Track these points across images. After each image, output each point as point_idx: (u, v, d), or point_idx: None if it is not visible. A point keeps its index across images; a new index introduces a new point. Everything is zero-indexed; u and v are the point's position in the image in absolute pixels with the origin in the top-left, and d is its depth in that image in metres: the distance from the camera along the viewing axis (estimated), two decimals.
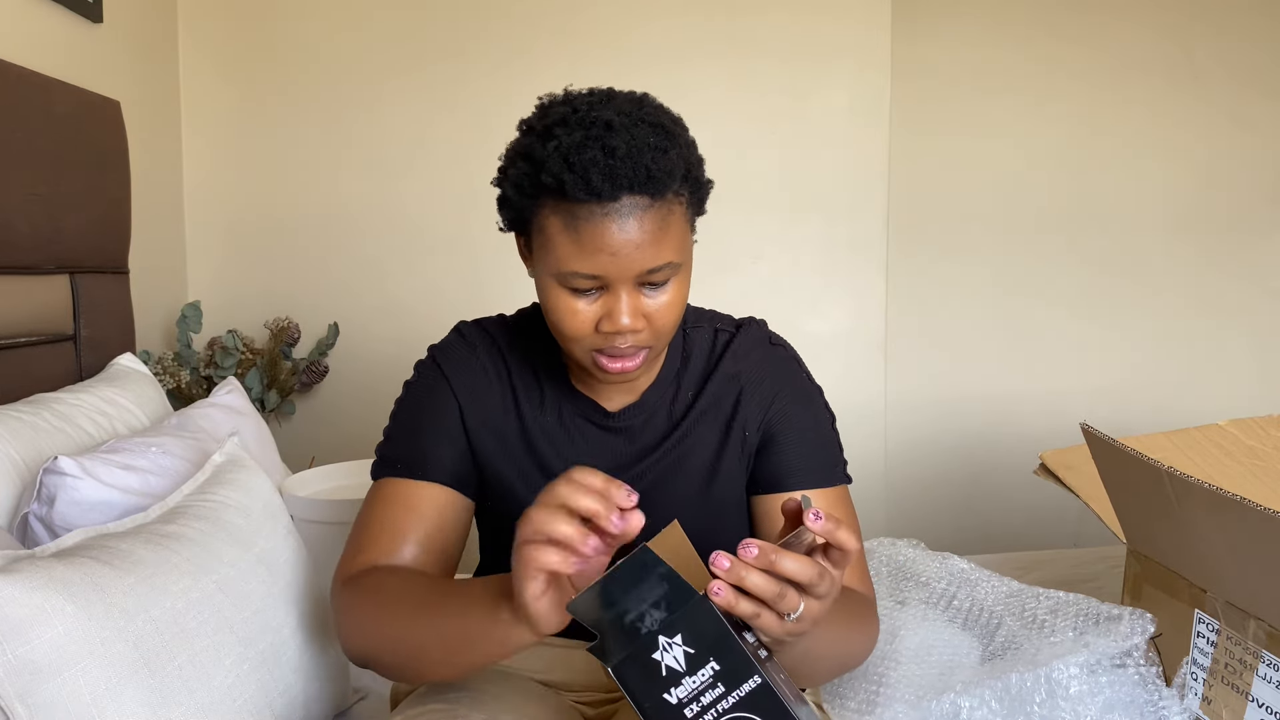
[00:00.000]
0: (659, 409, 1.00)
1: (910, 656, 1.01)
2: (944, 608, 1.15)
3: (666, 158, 0.83)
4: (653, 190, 0.82)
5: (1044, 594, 1.11)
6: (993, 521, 2.58)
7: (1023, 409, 2.56)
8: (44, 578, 0.80)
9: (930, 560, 1.25)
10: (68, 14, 1.69)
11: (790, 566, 0.65)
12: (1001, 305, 2.60)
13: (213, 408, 1.52)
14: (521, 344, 1.02)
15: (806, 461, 0.99)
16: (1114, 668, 0.95)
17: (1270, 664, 0.92)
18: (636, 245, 0.83)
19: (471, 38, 2.23)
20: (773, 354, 1.03)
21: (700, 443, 0.99)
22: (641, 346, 0.88)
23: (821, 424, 1.02)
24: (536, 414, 0.99)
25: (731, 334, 1.03)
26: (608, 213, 0.82)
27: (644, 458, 0.99)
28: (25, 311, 1.42)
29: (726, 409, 1.00)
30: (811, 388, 1.04)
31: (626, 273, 0.84)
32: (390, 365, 2.29)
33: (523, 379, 1.01)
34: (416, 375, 1.03)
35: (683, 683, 0.64)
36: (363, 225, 2.26)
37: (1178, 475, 0.96)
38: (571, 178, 0.80)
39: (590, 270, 0.83)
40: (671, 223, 0.85)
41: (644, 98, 0.89)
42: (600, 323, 0.86)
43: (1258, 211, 2.58)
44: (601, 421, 0.99)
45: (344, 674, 1.15)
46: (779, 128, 2.31)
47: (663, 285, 0.87)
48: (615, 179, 0.81)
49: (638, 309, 0.86)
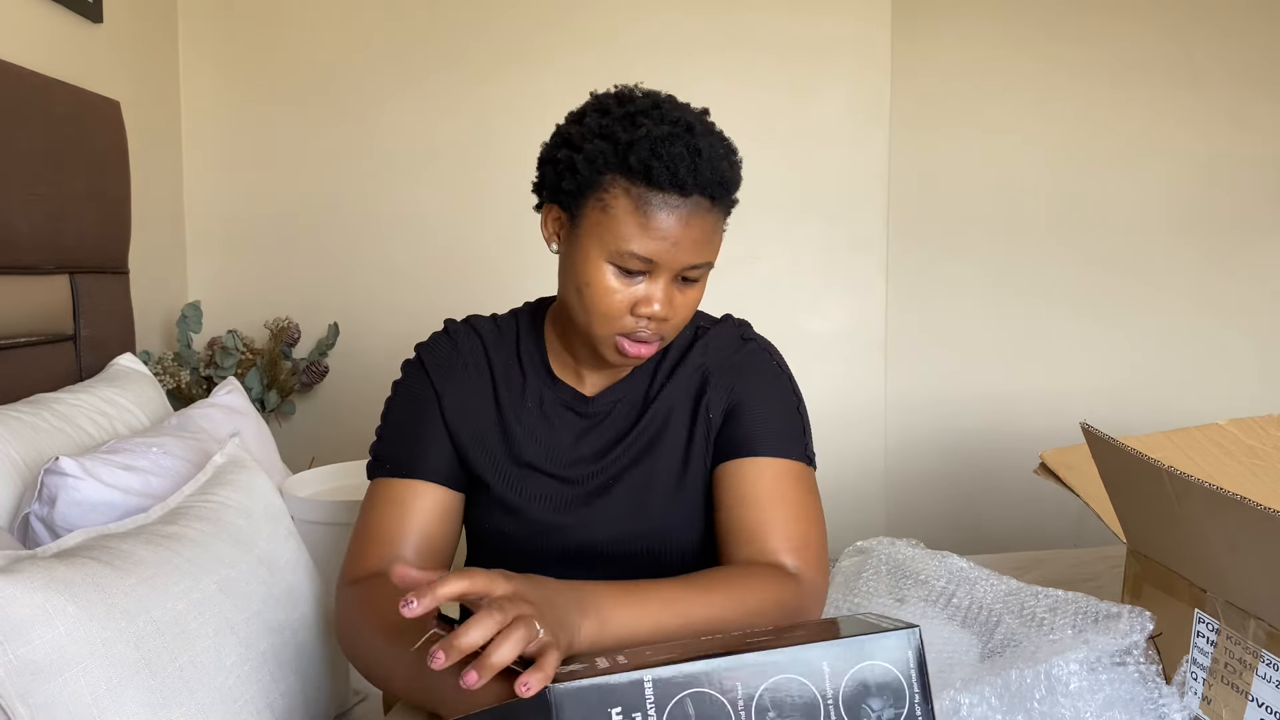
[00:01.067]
0: (634, 397, 1.04)
1: None
2: (943, 605, 1.15)
3: (734, 170, 0.93)
4: (719, 195, 0.91)
5: (1043, 592, 1.11)
6: (992, 521, 2.58)
7: (1023, 409, 2.56)
8: (45, 578, 0.80)
9: (929, 559, 1.25)
10: (68, 14, 1.69)
11: (468, 637, 0.65)
12: (1002, 305, 2.60)
13: (213, 408, 1.52)
14: (508, 339, 1.06)
15: (765, 429, 1.00)
16: (1114, 665, 0.95)
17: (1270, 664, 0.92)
18: (694, 240, 0.90)
19: (472, 37, 2.23)
20: (743, 347, 1.07)
21: (669, 430, 1.03)
22: (661, 335, 0.95)
23: (786, 402, 1.04)
24: (516, 405, 1.03)
25: (707, 330, 1.07)
26: (679, 205, 0.89)
27: (618, 442, 1.03)
28: (25, 311, 1.42)
29: (692, 394, 1.04)
30: (778, 371, 1.06)
31: (676, 263, 0.91)
32: (390, 365, 2.27)
33: (505, 372, 1.05)
34: (403, 374, 1.07)
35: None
36: (363, 225, 2.26)
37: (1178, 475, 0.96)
38: (659, 165, 0.87)
39: (647, 253, 0.90)
40: (718, 228, 0.94)
41: (706, 111, 0.97)
42: (637, 305, 0.92)
43: (1258, 211, 2.58)
44: (580, 408, 1.04)
45: (344, 675, 1.15)
46: (779, 127, 2.32)
47: (694, 282, 0.94)
48: (698, 177, 0.88)
49: (670, 298, 0.93)
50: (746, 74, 2.30)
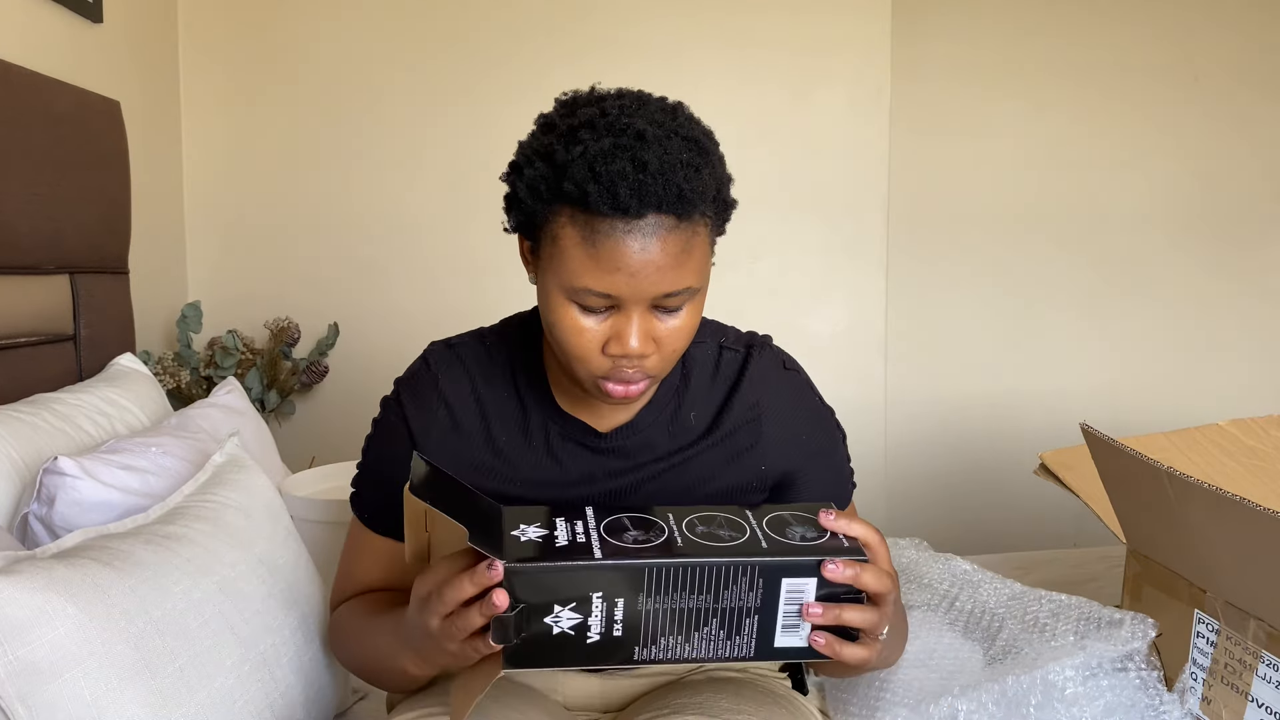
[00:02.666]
0: (656, 427, 0.94)
1: (912, 661, 1.01)
2: (946, 610, 1.14)
3: (699, 177, 0.77)
4: (681, 211, 0.77)
5: (1047, 597, 1.11)
6: (993, 521, 2.58)
7: (1023, 409, 2.56)
8: (44, 579, 0.80)
9: (933, 562, 1.25)
10: (68, 14, 1.69)
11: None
12: (1001, 305, 2.59)
13: (213, 408, 1.52)
14: (500, 366, 0.95)
15: (822, 492, 0.98)
16: (1115, 671, 0.95)
17: (1270, 664, 0.92)
18: (658, 267, 0.77)
19: (472, 36, 2.23)
20: (790, 381, 0.99)
21: (704, 466, 0.94)
22: (648, 373, 0.83)
23: (837, 453, 1.01)
24: (516, 442, 0.93)
25: (743, 355, 0.97)
26: (630, 230, 0.76)
27: (636, 473, 0.94)
28: (25, 311, 1.42)
29: (742, 440, 0.95)
30: (826, 413, 1.01)
31: (643, 295, 0.79)
32: (390, 365, 2.27)
33: (500, 407, 0.94)
34: (381, 413, 0.98)
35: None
36: (363, 225, 2.26)
37: (1178, 475, 0.96)
38: (596, 189, 0.75)
39: (604, 289, 0.78)
40: (695, 245, 0.79)
41: (677, 107, 0.83)
42: (608, 344, 0.81)
43: (1258, 211, 2.58)
44: (593, 444, 0.93)
45: (344, 674, 1.15)
46: (779, 127, 2.31)
47: (677, 310, 0.82)
48: (644, 196, 0.75)
49: (648, 332, 0.81)
50: (746, 74, 2.29)
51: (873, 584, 0.72)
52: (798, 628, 0.72)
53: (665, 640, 0.71)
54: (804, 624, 0.72)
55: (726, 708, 0.86)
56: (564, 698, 0.99)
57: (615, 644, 0.70)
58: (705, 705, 0.86)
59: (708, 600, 0.70)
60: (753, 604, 0.71)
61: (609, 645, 0.70)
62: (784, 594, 0.71)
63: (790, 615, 0.71)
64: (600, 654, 0.71)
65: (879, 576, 0.72)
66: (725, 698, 0.88)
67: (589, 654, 0.71)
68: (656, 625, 0.70)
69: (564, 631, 0.69)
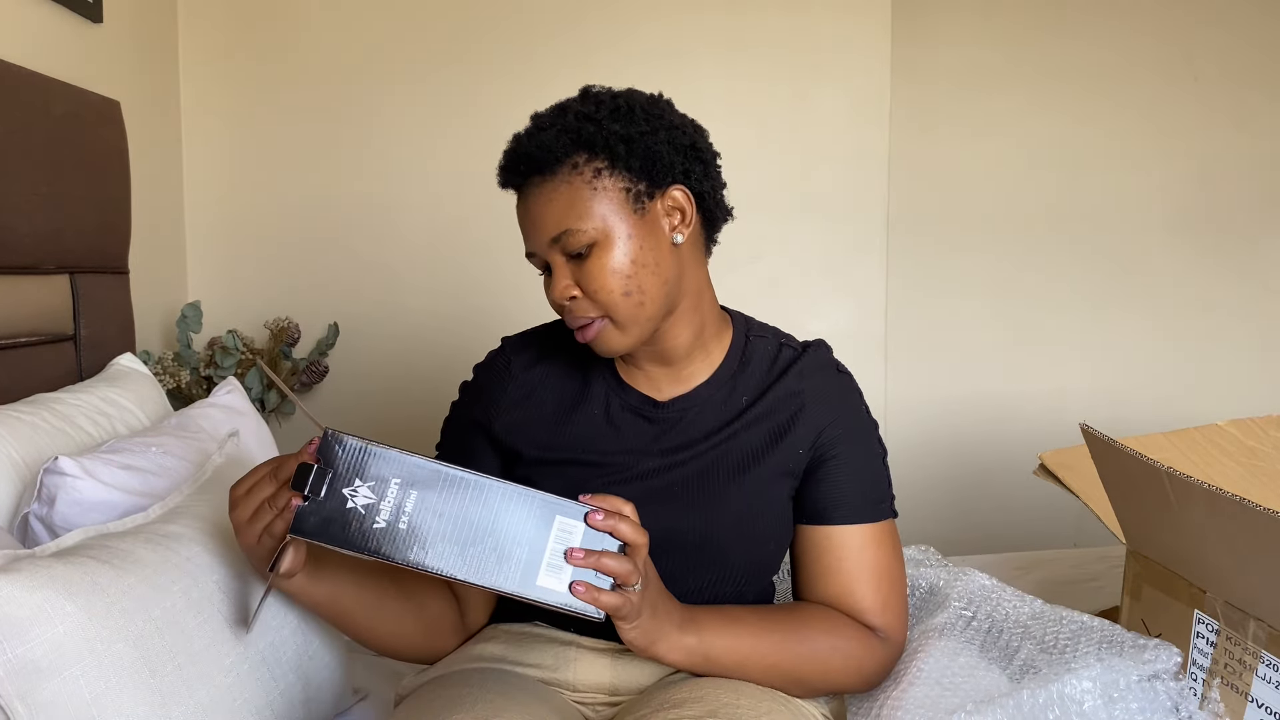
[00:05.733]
0: (709, 405, 1.03)
1: (928, 678, 1.00)
2: (963, 628, 1.12)
3: (545, 134, 0.92)
4: (540, 167, 0.92)
5: (1067, 617, 1.08)
6: (993, 521, 2.58)
7: (1023, 409, 2.56)
8: (44, 577, 0.80)
9: (950, 575, 1.22)
10: (68, 14, 1.69)
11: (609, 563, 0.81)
12: (1001, 305, 2.59)
13: (213, 408, 1.52)
14: (565, 344, 1.07)
15: (852, 497, 1.01)
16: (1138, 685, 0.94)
17: (1270, 664, 0.92)
18: (542, 216, 0.93)
19: (473, 36, 2.23)
20: (838, 380, 1.07)
21: (746, 446, 1.01)
22: (592, 315, 0.94)
23: (873, 459, 1.04)
24: (579, 412, 1.04)
25: (798, 352, 1.06)
26: (522, 197, 0.95)
27: (688, 448, 1.01)
28: (25, 311, 1.42)
29: (782, 420, 1.02)
30: (869, 422, 1.06)
31: (539, 245, 0.95)
32: (390, 365, 2.29)
33: (565, 381, 1.06)
34: (459, 395, 1.11)
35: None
36: (363, 225, 2.26)
37: (1177, 475, 0.96)
38: (499, 174, 0.96)
39: (529, 249, 0.97)
40: (570, 193, 0.92)
41: (630, 93, 0.96)
42: (551, 296, 0.96)
43: (1257, 211, 2.58)
44: (650, 413, 1.03)
45: (344, 674, 1.15)
46: (779, 127, 2.31)
47: (586, 255, 0.93)
48: (513, 165, 0.94)
49: (571, 277, 0.94)
50: (746, 74, 2.29)
51: (630, 534, 0.81)
52: (560, 570, 0.80)
53: (441, 547, 0.79)
54: (566, 568, 0.80)
55: (727, 702, 0.88)
56: (574, 679, 1.00)
57: (396, 536, 0.78)
58: (707, 699, 0.88)
59: (488, 517, 0.79)
60: (526, 534, 0.79)
61: (391, 535, 0.78)
62: (554, 532, 0.80)
63: (556, 555, 0.80)
64: (381, 541, 0.78)
65: (635, 529, 0.81)
66: (726, 693, 0.90)
67: (372, 539, 0.78)
68: (437, 530, 0.79)
69: (355, 508, 0.79)
